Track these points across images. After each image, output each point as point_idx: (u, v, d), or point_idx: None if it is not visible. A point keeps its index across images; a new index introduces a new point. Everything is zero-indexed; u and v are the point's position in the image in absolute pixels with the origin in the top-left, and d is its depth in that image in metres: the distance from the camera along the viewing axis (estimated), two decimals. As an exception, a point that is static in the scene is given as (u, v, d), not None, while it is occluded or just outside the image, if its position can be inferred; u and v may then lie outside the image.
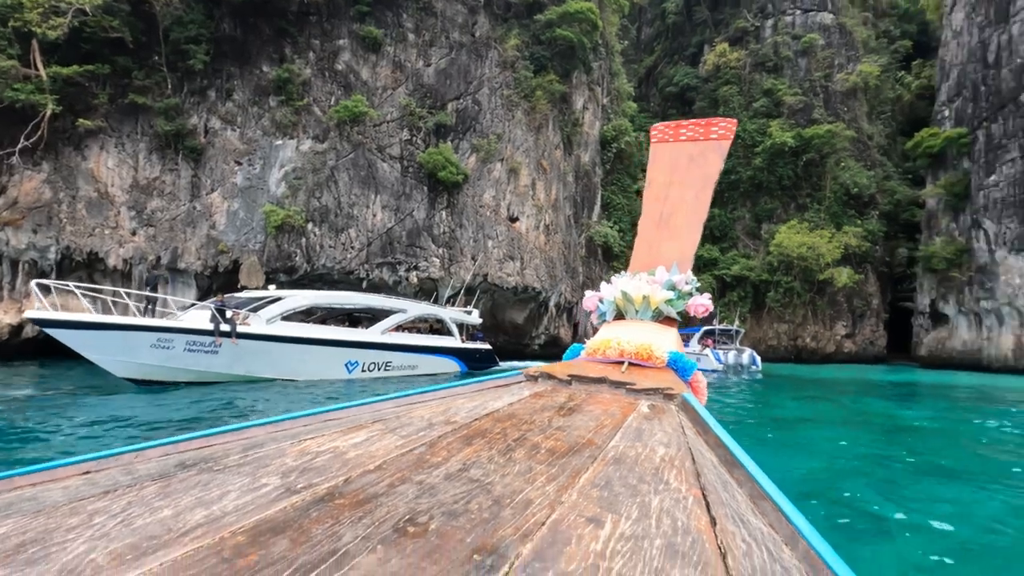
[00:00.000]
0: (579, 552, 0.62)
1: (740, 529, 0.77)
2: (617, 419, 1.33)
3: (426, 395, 1.52)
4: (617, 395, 1.63)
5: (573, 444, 1.08)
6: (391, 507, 0.70)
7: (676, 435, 1.21)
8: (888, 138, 40.74)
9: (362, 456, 0.94)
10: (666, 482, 0.91)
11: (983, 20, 29.85)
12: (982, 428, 11.05)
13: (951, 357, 29.97)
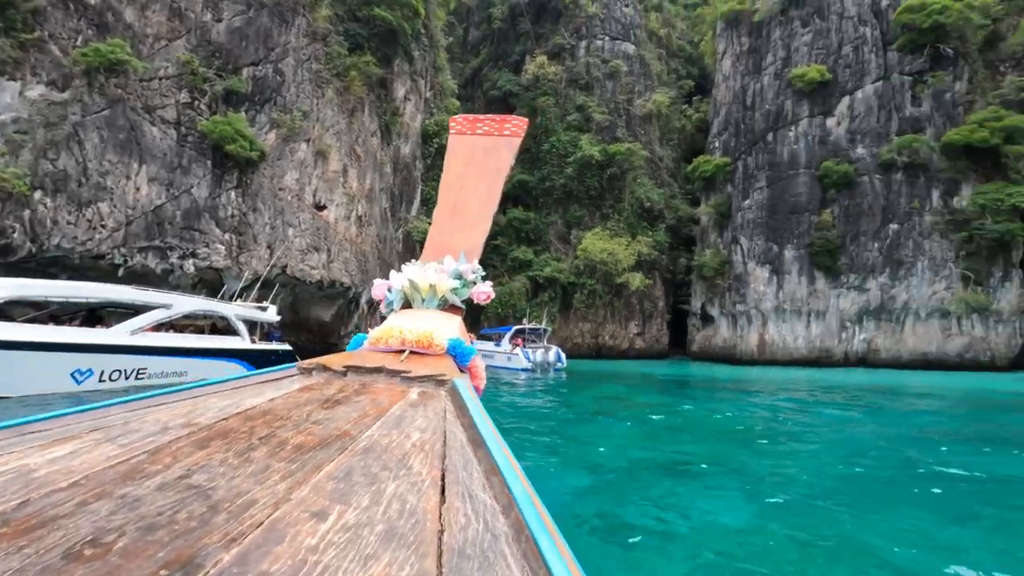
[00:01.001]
0: (289, 550, 0.59)
1: (466, 504, 0.79)
2: (383, 408, 1.30)
3: (172, 395, 1.32)
4: (391, 384, 1.61)
5: (326, 437, 1.03)
6: (71, 529, 0.61)
7: (436, 420, 1.22)
8: (674, 161, 46.69)
9: (56, 473, 0.77)
10: (409, 467, 0.90)
11: (744, 69, 35.71)
12: (737, 414, 12.50)
13: (715, 352, 35.21)
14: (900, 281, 30.07)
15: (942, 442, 9.72)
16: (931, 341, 29.75)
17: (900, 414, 13.17)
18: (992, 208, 28.72)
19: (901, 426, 11.39)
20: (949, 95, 31.18)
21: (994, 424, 12.13)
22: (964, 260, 29.71)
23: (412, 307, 2.49)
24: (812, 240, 30.97)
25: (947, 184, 30.37)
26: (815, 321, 31.20)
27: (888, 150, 30.36)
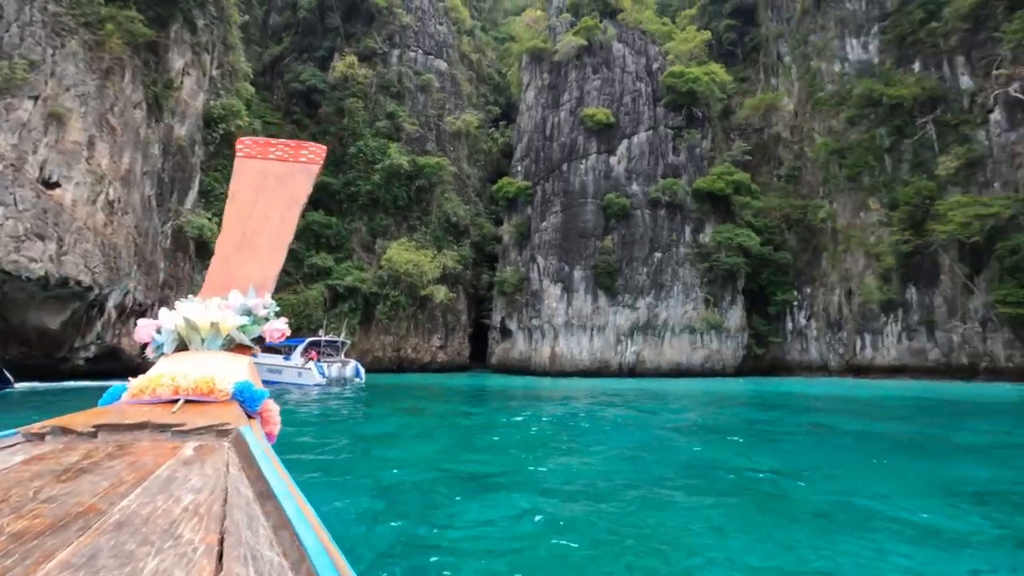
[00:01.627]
0: None
1: (247, 568, 0.72)
2: (146, 471, 1.10)
3: None
4: (159, 441, 1.36)
5: (62, 517, 0.84)
6: None
7: (216, 476, 1.08)
8: (481, 181, 48.46)
9: None
10: (178, 537, 0.78)
11: (545, 102, 38.79)
12: (533, 425, 12.81)
13: (513, 364, 36.92)
14: (662, 302, 35.24)
15: (698, 434, 11.14)
16: (683, 353, 35.36)
17: (666, 413, 14.97)
18: (725, 245, 35.51)
19: (666, 423, 12.86)
20: (698, 149, 37.94)
21: (732, 418, 14.45)
22: (706, 286, 36.09)
23: (189, 349, 2.20)
24: (597, 263, 34.61)
25: (696, 223, 36.71)
26: (597, 335, 34.76)
27: (655, 190, 35.60)
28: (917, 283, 36.33)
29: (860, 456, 9.03)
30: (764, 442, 10.44)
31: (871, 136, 39.50)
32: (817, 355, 39.21)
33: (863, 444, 10.21)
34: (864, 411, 16.19)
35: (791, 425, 12.91)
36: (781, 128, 44.99)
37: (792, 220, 40.78)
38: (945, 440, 10.51)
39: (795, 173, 43.21)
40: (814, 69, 43.20)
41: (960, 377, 33.94)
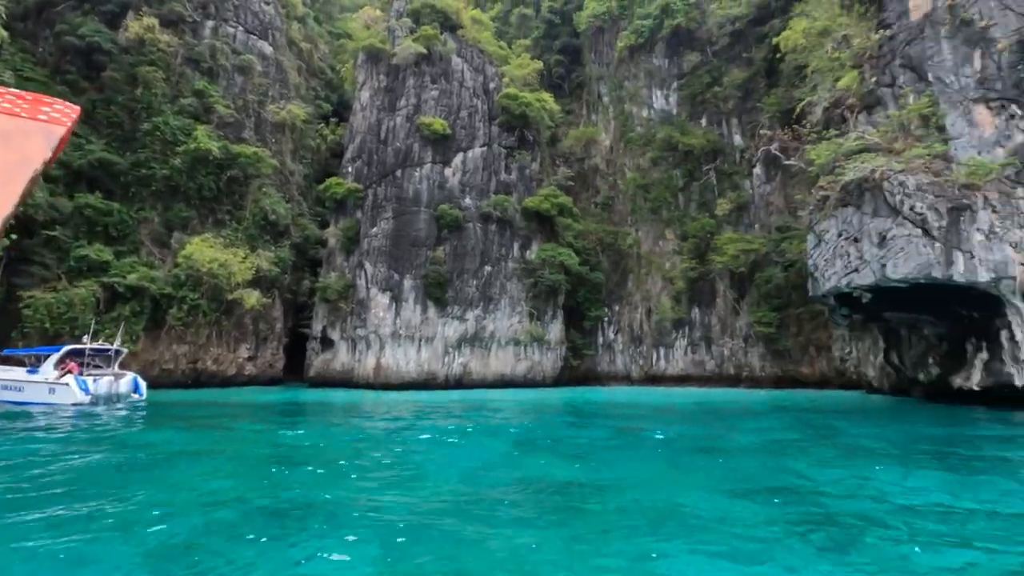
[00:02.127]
0: None
1: None
2: None
3: None
4: None
5: None
6: None
7: None
8: (306, 179, 44.92)
9: None
10: None
11: (381, 105, 37.47)
12: (351, 443, 11.71)
13: (334, 377, 34.44)
14: (490, 314, 36.00)
15: (525, 446, 11.17)
16: (508, 364, 36.47)
17: (494, 425, 14.94)
18: (549, 262, 37.70)
19: (496, 436, 12.75)
20: (528, 171, 39.90)
21: (556, 428, 14.93)
22: (530, 300, 37.84)
23: None
24: (427, 272, 34.12)
25: (524, 239, 38.41)
26: (425, 347, 34.16)
27: (488, 204, 36.45)
28: (700, 304, 42.42)
29: (669, 457, 9.83)
30: (586, 451, 10.87)
31: (669, 176, 45.41)
32: (622, 366, 43.49)
33: (668, 447, 11.21)
34: (664, 416, 18.10)
35: (609, 431, 13.77)
36: (599, 160, 49.55)
37: (605, 244, 44.93)
38: (729, 440, 12.04)
39: (609, 202, 47.78)
40: (627, 111, 48.44)
41: (728, 384, 40.17)
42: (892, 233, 16.64)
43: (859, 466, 8.87)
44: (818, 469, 8.58)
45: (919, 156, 16.89)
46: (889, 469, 8.68)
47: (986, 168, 15.80)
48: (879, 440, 11.83)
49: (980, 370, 17.75)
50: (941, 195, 15.92)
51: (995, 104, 16.48)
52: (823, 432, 13.22)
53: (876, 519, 5.85)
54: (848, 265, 17.97)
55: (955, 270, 15.68)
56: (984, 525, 5.83)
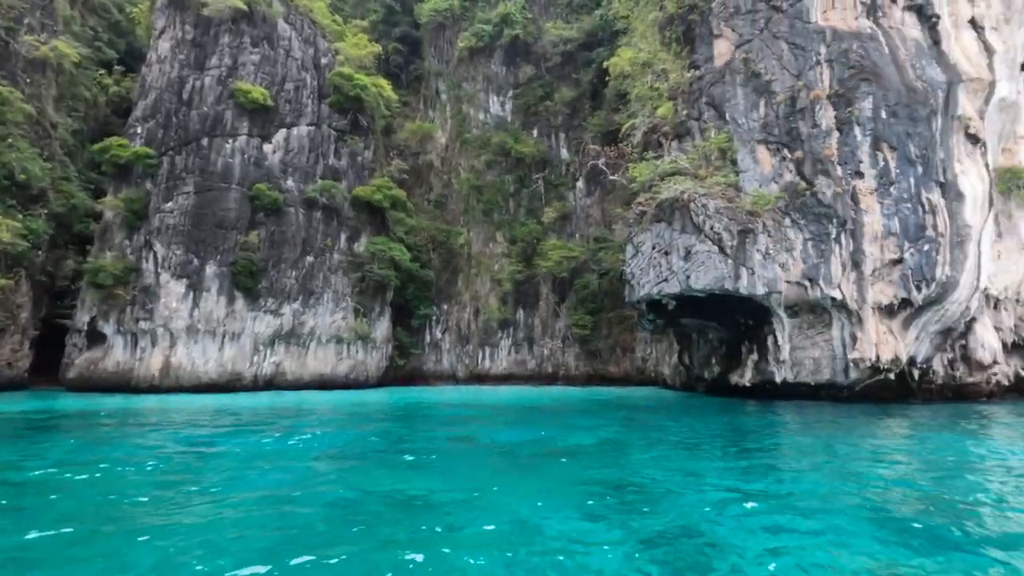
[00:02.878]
0: None
1: None
2: None
3: None
4: None
5: None
6: None
7: None
8: (76, 137, 36.42)
9: None
10: None
11: (185, 60, 31.97)
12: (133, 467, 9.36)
13: (103, 378, 28.29)
14: (310, 309, 32.97)
15: (346, 459, 9.98)
16: (328, 363, 33.77)
17: (309, 434, 13.28)
18: (379, 256, 35.92)
19: (311, 448, 11.25)
20: (360, 158, 37.59)
21: (381, 435, 13.82)
22: (356, 296, 35.62)
23: None
24: (236, 259, 29.95)
25: (352, 230, 36.03)
26: (230, 343, 29.92)
27: (313, 189, 33.39)
28: (525, 306, 44.27)
29: (508, 465, 9.52)
30: (422, 458, 10.08)
31: (502, 180, 46.70)
32: (448, 365, 43.41)
33: (509, 453, 10.96)
34: (500, 415, 18.08)
35: (445, 434, 13.13)
36: (434, 157, 48.95)
37: (437, 242, 44.47)
38: (564, 440, 12.27)
39: (443, 200, 47.46)
40: (464, 112, 48.68)
41: (546, 382, 42.51)
42: (696, 248, 18.95)
43: (681, 460, 9.54)
44: (655, 469, 8.99)
45: (718, 183, 19.55)
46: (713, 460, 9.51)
47: (765, 199, 18.88)
48: (692, 432, 13.09)
49: (751, 369, 21.17)
50: (733, 219, 18.58)
51: (773, 146, 19.85)
52: (646, 429, 14.27)
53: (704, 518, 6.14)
54: (660, 275, 20.01)
55: (741, 283, 18.42)
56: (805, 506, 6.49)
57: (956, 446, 11.00)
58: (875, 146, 18.37)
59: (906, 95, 18.36)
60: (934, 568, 4.63)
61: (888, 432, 13.36)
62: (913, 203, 17.99)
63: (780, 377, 19.77)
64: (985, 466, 9.08)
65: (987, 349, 19.21)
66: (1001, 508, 6.51)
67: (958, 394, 20.55)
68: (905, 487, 7.76)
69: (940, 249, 17.65)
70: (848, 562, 4.77)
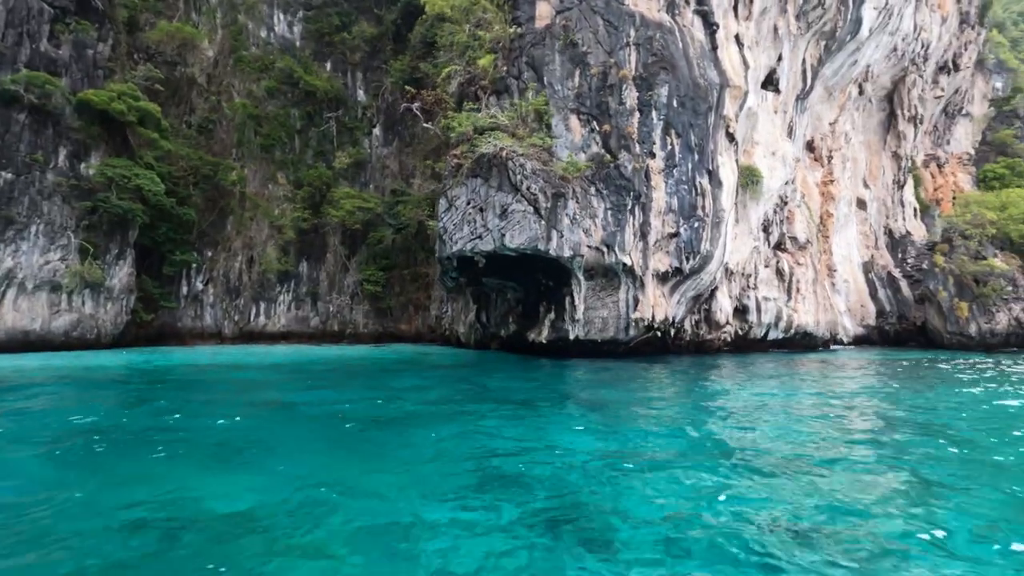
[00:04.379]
0: None
1: None
2: None
3: None
4: None
5: None
6: None
7: None
8: None
9: None
10: None
11: None
12: None
13: None
14: (9, 244, 24.44)
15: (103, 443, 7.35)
16: (37, 318, 25.69)
17: (33, 412, 9.57)
18: (119, 184, 28.31)
19: (41, 431, 8.06)
20: (93, 52, 28.74)
21: (134, 403, 10.76)
22: (83, 231, 27.67)
23: None
24: None
25: (77, 146, 27.58)
26: None
27: (14, 80, 24.40)
28: (309, 258, 40.26)
29: (337, 442, 8.01)
30: (226, 441, 7.88)
31: (286, 113, 41.11)
32: (212, 322, 37.31)
33: (333, 423, 9.30)
34: (297, 381, 15.69)
35: (238, 409, 10.65)
36: (198, 72, 40.36)
37: (201, 175, 37.13)
38: (390, 406, 10.99)
39: (207, 126, 39.69)
40: (241, 24, 41.18)
41: (331, 341, 39.69)
42: (512, 208, 18.98)
43: (533, 422, 9.27)
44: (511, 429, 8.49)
45: (534, 144, 19.77)
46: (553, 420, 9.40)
47: (576, 167, 19.78)
48: (525, 392, 13.04)
49: (548, 327, 22.47)
50: (548, 181, 19.06)
51: (584, 117, 20.84)
52: (469, 388, 13.78)
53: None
54: (474, 231, 19.60)
55: (551, 245, 19.11)
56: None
57: (735, 390, 13.08)
58: (666, 131, 20.69)
59: (692, 89, 21.01)
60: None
61: (685, 381, 15.34)
62: (689, 185, 20.88)
63: (574, 334, 21.36)
64: (736, 397, 10.89)
65: (723, 312, 23.70)
66: (746, 427, 7.67)
67: (699, 348, 24.95)
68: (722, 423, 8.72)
69: (705, 227, 20.95)
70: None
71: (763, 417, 9.58)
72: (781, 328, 26.41)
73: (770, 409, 10.36)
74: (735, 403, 11.12)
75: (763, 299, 25.83)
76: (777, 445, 7.41)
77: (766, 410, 10.23)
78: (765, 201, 25.41)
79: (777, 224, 27.00)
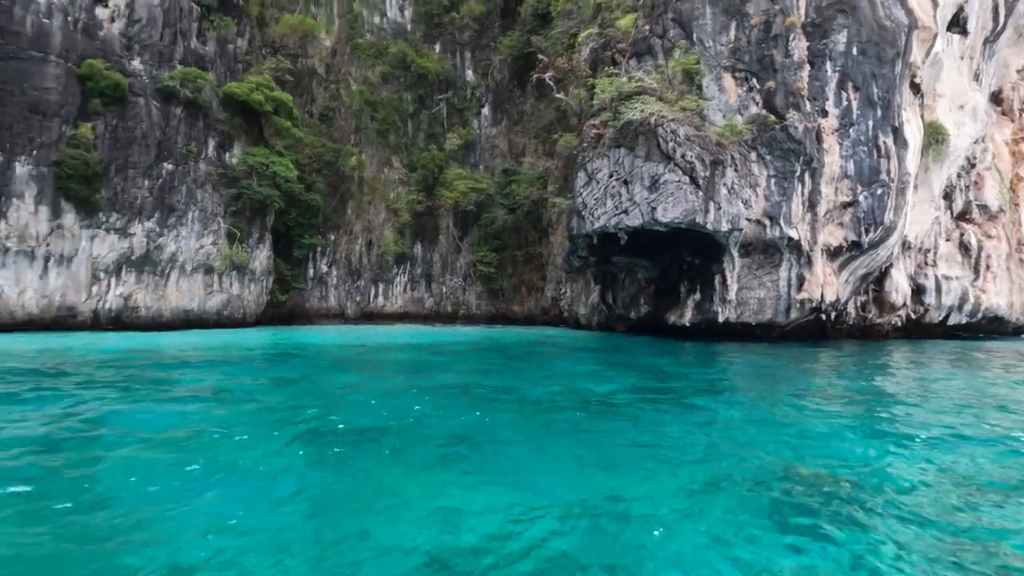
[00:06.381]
0: None
1: None
2: None
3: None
4: None
5: None
6: None
7: None
8: None
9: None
10: None
11: None
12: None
13: None
14: (171, 230, 26.47)
15: (313, 435, 6.90)
16: (195, 298, 27.79)
17: (208, 392, 9.64)
18: (259, 171, 29.84)
19: (227, 413, 7.88)
20: (232, 47, 30.32)
21: (323, 382, 10.62)
22: (230, 217, 29.49)
23: None
24: (63, 157, 22.51)
25: (223, 136, 29.32)
26: (57, 269, 22.88)
27: (171, 76, 26.13)
28: (423, 240, 40.80)
29: (561, 433, 7.14)
30: (453, 435, 7.28)
31: (400, 98, 41.57)
32: (335, 302, 38.90)
33: (534, 407, 8.52)
34: (449, 362, 15.36)
35: (419, 394, 10.22)
36: (317, 62, 41.78)
37: (324, 162, 38.55)
38: (589, 394, 10.09)
39: (328, 114, 41.04)
40: (356, 12, 41.96)
41: (445, 321, 40.15)
42: (664, 178, 17.40)
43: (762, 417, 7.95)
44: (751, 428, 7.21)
45: (685, 108, 17.97)
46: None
47: (735, 130, 17.77)
48: (724, 379, 11.71)
49: (692, 309, 20.74)
50: (704, 148, 17.23)
51: (741, 75, 18.67)
52: (648, 373, 12.61)
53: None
54: (619, 206, 18.26)
55: (709, 218, 17.35)
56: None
57: (937, 376, 10.90)
58: (841, 84, 18.04)
59: (877, 32, 18.10)
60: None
61: (880, 367, 13.25)
62: (870, 146, 18.13)
63: (724, 317, 19.50)
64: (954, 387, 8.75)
65: (900, 292, 20.67)
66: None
67: (864, 334, 22.03)
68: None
69: (889, 194, 18.14)
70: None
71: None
72: (966, 312, 22.71)
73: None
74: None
75: (943, 277, 22.29)
76: None
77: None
78: (950, 163, 21.72)
79: (962, 190, 23.11)
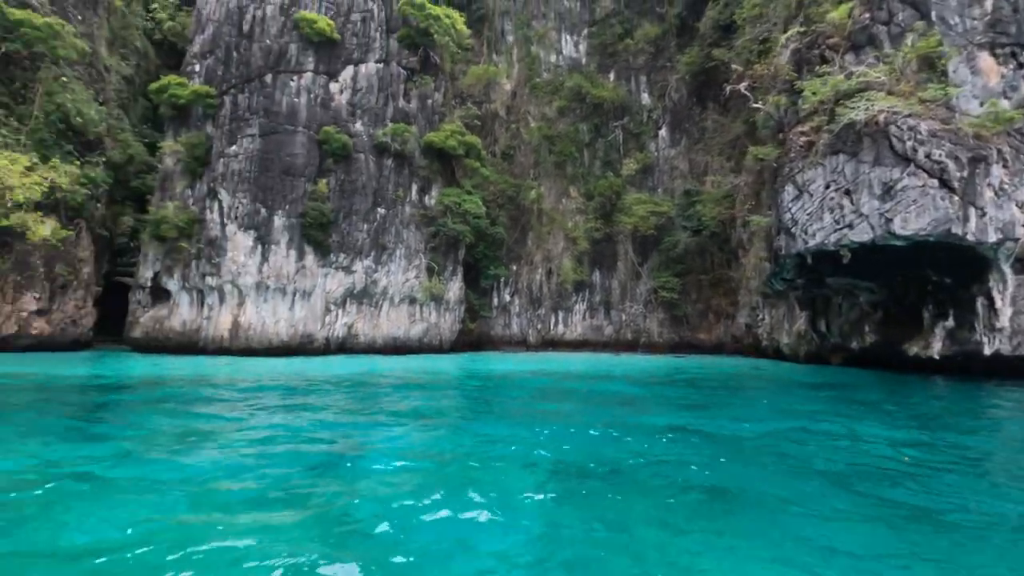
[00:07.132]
0: None
1: None
2: None
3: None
4: None
5: None
6: None
7: None
8: (130, 86, 33.75)
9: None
10: None
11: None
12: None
13: (170, 338, 26.23)
14: (383, 266, 30.08)
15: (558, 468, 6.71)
16: (401, 326, 31.03)
17: (425, 418, 10.17)
18: (453, 210, 32.59)
19: (440, 441, 8.07)
20: (431, 101, 33.93)
21: (539, 414, 10.64)
22: (430, 252, 32.54)
23: None
24: (306, 210, 27.08)
25: (424, 181, 32.71)
26: (301, 302, 27.36)
27: (384, 133, 30.05)
28: (602, 267, 40.52)
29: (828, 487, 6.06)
30: (684, 465, 6.71)
31: (576, 129, 42.41)
32: (518, 330, 40.25)
33: (772, 456, 7.49)
34: (654, 395, 14.67)
35: (639, 431, 9.76)
36: (499, 106, 44.77)
37: (506, 197, 40.77)
38: (809, 440, 8.71)
39: (510, 152, 43.48)
40: (534, 55, 44.19)
41: (625, 349, 38.99)
42: (903, 184, 14.76)
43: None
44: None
45: (925, 100, 15.14)
46: None
47: (1000, 119, 14.44)
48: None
49: (943, 338, 17.06)
50: (958, 143, 14.27)
51: (1003, 50, 15.25)
52: (887, 414, 10.53)
53: None
54: (840, 220, 15.93)
55: (969, 227, 14.23)
56: None
57: None
58: None
59: None
60: None
61: None
62: None
63: (991, 349, 15.62)
64: None
65: None
66: None
67: None
68: None
69: None
70: None
71: None
72: None
73: None
74: None
75: None
76: None
77: None
78: None
79: None
